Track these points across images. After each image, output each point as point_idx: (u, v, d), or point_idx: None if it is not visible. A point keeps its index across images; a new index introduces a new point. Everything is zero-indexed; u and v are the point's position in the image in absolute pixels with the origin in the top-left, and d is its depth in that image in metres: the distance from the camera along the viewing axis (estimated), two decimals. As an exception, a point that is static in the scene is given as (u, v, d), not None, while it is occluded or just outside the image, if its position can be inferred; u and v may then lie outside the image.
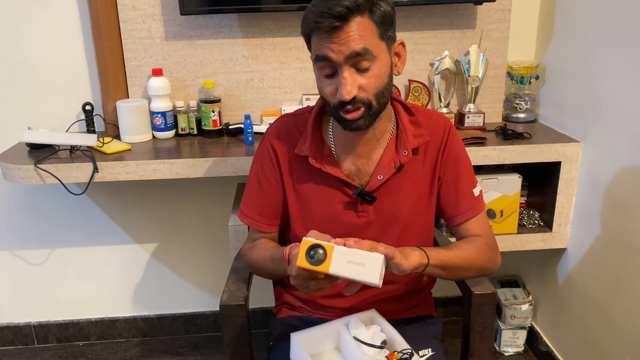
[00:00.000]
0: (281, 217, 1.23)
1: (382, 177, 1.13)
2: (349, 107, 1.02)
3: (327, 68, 1.02)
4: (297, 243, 1.08)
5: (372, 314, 1.15)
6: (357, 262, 0.94)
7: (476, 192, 1.20)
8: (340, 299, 1.22)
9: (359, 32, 0.98)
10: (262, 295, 2.00)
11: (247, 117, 1.67)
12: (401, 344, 1.06)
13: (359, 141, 1.13)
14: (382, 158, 1.14)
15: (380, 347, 1.06)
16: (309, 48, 1.06)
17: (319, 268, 0.93)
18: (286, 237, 1.29)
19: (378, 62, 1.01)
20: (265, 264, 1.19)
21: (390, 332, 1.09)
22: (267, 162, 1.20)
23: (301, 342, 1.08)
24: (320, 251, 0.94)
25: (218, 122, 1.75)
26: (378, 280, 0.94)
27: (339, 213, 1.16)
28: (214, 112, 1.73)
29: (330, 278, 0.98)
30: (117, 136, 1.75)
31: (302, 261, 0.93)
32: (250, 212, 1.23)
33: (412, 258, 1.02)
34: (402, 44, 1.09)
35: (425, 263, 1.05)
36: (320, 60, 1.01)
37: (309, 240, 0.95)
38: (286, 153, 1.18)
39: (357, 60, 0.99)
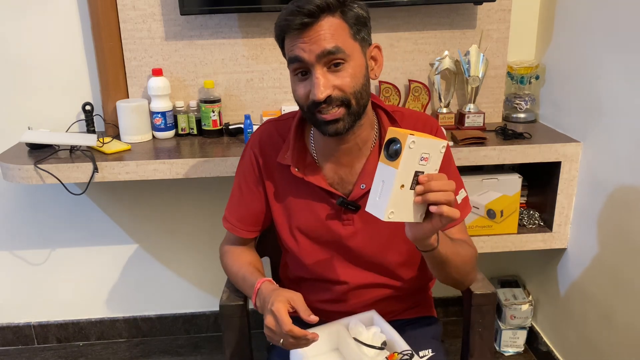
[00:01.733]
0: (262, 223, 1.23)
1: (365, 186, 1.10)
2: (324, 106, 1.00)
3: (300, 69, 1.01)
4: (267, 280, 1.11)
5: (372, 314, 1.15)
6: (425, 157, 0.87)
7: (461, 195, 1.17)
8: (339, 304, 1.21)
9: (330, 30, 0.97)
10: (262, 295, 2.01)
11: (247, 117, 1.67)
12: (401, 345, 1.06)
13: (341, 150, 1.11)
14: (365, 167, 1.12)
15: (381, 349, 1.06)
16: (284, 53, 1.05)
17: (392, 164, 0.86)
18: (276, 240, 1.28)
19: (352, 61, 1.00)
20: (237, 280, 1.21)
21: (390, 333, 1.09)
22: (249, 170, 1.19)
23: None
24: (397, 146, 0.86)
25: (218, 122, 1.75)
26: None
27: (324, 222, 1.14)
28: (214, 112, 1.73)
29: (301, 340, 0.98)
30: (117, 136, 1.75)
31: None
32: (231, 217, 1.23)
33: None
34: (378, 47, 1.07)
35: (435, 243, 1.00)
36: (292, 61, 1.01)
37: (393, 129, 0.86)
38: (269, 161, 1.17)
39: (330, 59, 0.98)
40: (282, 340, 0.99)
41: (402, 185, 0.86)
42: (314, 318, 0.99)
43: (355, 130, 1.07)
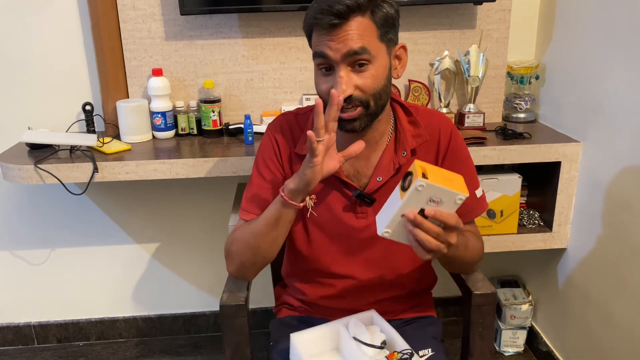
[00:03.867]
0: None
1: (381, 178, 1.13)
2: (344, 104, 1.00)
3: (324, 65, 1.02)
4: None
5: (372, 314, 1.15)
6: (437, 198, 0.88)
7: (478, 193, 1.19)
8: (340, 300, 1.22)
9: (358, 31, 0.98)
10: (262, 295, 2.01)
11: (247, 117, 1.67)
12: (401, 344, 1.06)
13: None
14: (381, 160, 1.14)
15: (380, 348, 1.06)
16: (310, 45, 1.06)
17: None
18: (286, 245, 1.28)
19: (376, 62, 1.01)
20: (259, 228, 1.10)
21: (390, 332, 1.10)
22: (271, 155, 1.18)
23: (301, 343, 1.09)
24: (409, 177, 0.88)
25: (218, 122, 1.75)
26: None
27: (338, 214, 1.15)
28: (214, 112, 1.73)
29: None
30: (117, 136, 1.75)
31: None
32: (253, 208, 1.16)
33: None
34: (404, 47, 1.09)
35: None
36: (317, 56, 1.02)
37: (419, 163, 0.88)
38: (287, 150, 1.17)
39: (355, 59, 0.99)
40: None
41: (403, 215, 0.89)
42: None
43: (372, 125, 1.08)
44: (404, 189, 0.88)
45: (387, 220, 0.91)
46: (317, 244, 1.19)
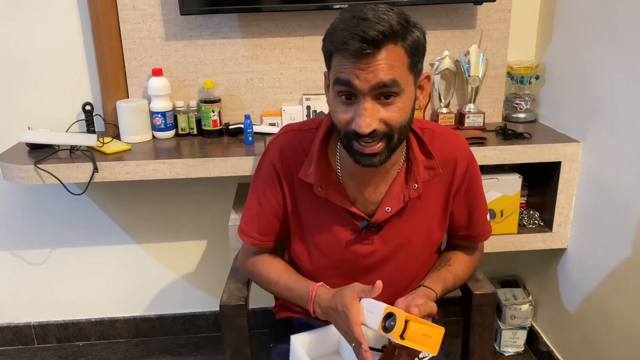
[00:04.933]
0: (280, 234, 1.19)
1: (390, 209, 1.08)
2: (367, 139, 0.93)
3: (345, 94, 0.93)
4: (320, 285, 1.08)
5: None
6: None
7: (487, 217, 1.20)
8: None
9: (390, 61, 0.90)
10: (262, 295, 1.99)
11: (247, 117, 1.67)
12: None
13: (368, 172, 1.06)
14: (391, 189, 1.08)
15: (381, 351, 1.05)
16: (328, 66, 0.97)
17: (390, 334, 0.94)
18: (286, 249, 1.27)
19: (404, 95, 0.93)
20: (278, 289, 1.16)
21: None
22: (269, 182, 1.13)
23: (301, 345, 1.08)
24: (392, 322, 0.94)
25: (218, 122, 1.75)
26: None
27: (343, 241, 1.12)
28: (214, 112, 1.73)
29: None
30: (117, 136, 1.75)
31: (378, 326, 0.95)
32: (251, 231, 1.17)
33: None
34: (428, 77, 1.02)
35: (434, 300, 1.08)
36: (340, 84, 0.92)
37: (388, 308, 0.95)
38: (289, 175, 1.12)
39: (382, 91, 0.91)
40: (353, 344, 0.99)
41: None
42: (379, 283, 0.97)
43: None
44: (385, 329, 0.94)
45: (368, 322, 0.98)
46: (319, 266, 1.16)
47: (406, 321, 0.93)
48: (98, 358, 2.06)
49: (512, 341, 2.00)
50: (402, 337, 0.92)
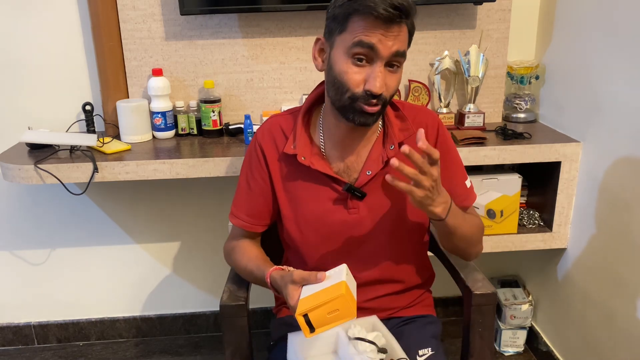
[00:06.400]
0: (272, 216, 1.24)
1: (370, 172, 1.14)
2: (374, 100, 1.02)
3: (363, 56, 1.01)
4: (277, 267, 1.10)
5: (374, 320, 1.15)
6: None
7: (467, 183, 1.22)
8: None
9: (404, 35, 1.02)
10: (262, 295, 2.00)
11: (247, 117, 1.67)
12: (398, 352, 1.06)
13: (350, 138, 1.14)
14: (371, 154, 1.15)
15: (383, 350, 1.05)
16: (338, 29, 1.02)
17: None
18: (279, 235, 1.30)
19: (401, 67, 1.05)
20: (246, 276, 1.21)
21: (389, 339, 1.09)
22: (255, 163, 1.20)
23: (298, 343, 1.08)
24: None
25: (218, 122, 1.75)
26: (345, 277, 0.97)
27: (330, 210, 1.16)
28: (214, 112, 1.73)
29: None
30: (117, 136, 1.75)
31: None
32: (240, 213, 1.23)
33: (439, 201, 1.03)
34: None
35: (449, 206, 1.06)
36: (362, 46, 0.99)
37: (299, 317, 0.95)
38: (275, 153, 1.18)
39: (394, 60, 1.02)
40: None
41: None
42: (321, 275, 1.00)
43: None
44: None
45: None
46: (312, 244, 1.19)
47: (305, 315, 0.93)
48: (98, 358, 2.06)
49: (512, 341, 2.00)
50: (312, 330, 0.93)
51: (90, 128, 1.78)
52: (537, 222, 1.77)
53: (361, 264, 1.19)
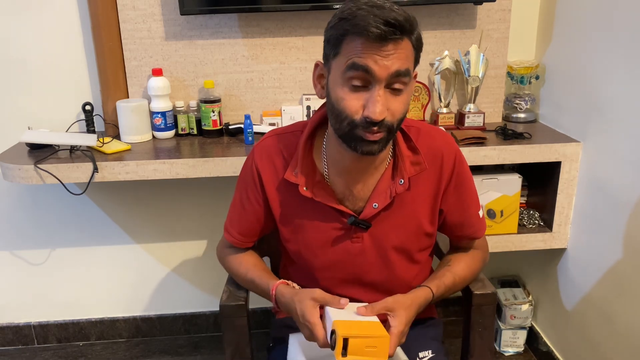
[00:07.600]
0: (262, 234, 1.22)
1: (377, 205, 1.07)
2: (375, 128, 0.93)
3: (359, 80, 0.92)
4: (280, 284, 1.09)
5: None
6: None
7: (480, 213, 1.18)
8: None
9: (406, 52, 0.91)
10: (262, 295, 2.01)
11: (247, 117, 1.67)
12: (398, 354, 1.05)
13: (357, 167, 1.06)
14: (379, 185, 1.08)
15: None
16: (334, 52, 0.94)
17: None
18: (276, 241, 1.27)
19: (408, 88, 0.95)
20: (245, 283, 1.20)
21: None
22: (251, 185, 1.14)
23: (299, 344, 1.08)
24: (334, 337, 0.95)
25: (218, 122, 1.75)
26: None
27: (333, 239, 1.11)
28: (214, 112, 1.73)
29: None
30: (117, 136, 1.75)
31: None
32: (233, 230, 1.21)
33: (412, 310, 1.03)
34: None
35: (430, 299, 1.08)
36: (356, 69, 0.90)
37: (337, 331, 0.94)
38: (274, 178, 1.12)
39: (396, 81, 0.92)
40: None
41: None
42: (344, 301, 0.99)
43: None
44: (331, 345, 0.95)
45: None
46: (314, 268, 1.16)
47: (345, 339, 0.92)
48: (98, 358, 2.06)
49: (512, 341, 2.00)
50: (344, 354, 0.92)
51: (90, 128, 1.78)
52: (537, 222, 1.77)
53: (365, 291, 1.16)
